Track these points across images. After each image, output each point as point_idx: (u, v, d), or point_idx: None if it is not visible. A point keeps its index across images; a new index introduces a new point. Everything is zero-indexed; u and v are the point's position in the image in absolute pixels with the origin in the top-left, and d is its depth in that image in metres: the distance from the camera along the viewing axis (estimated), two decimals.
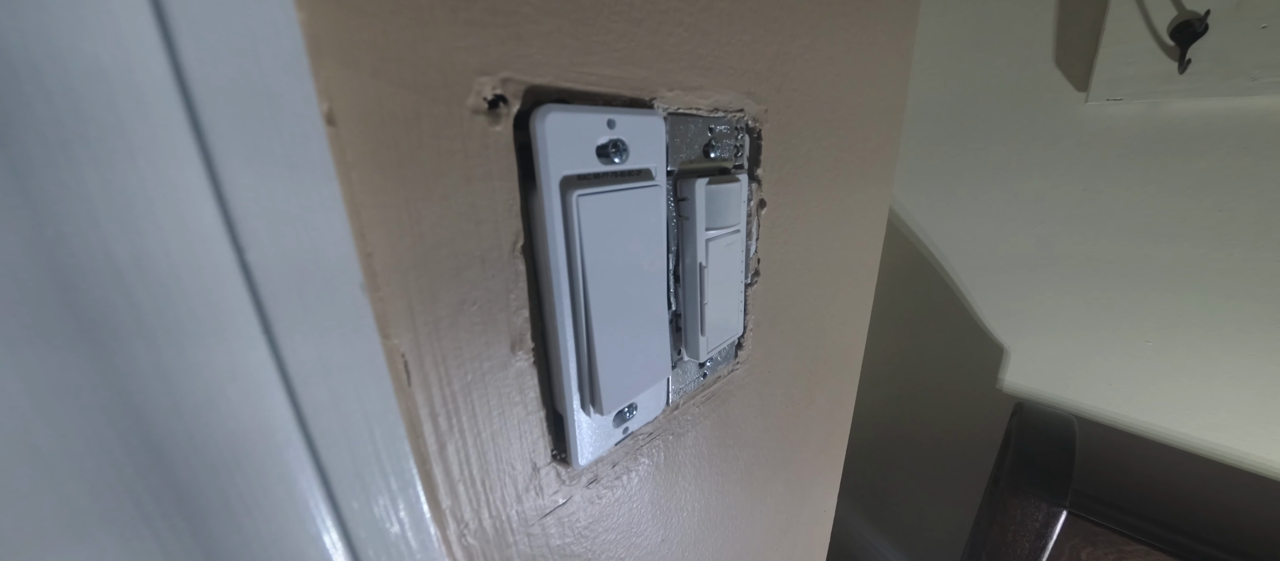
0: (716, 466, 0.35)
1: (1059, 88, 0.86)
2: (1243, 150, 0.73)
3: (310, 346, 0.13)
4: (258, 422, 0.13)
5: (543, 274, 0.19)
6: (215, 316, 0.12)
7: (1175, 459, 0.89)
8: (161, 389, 0.11)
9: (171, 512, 0.12)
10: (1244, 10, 0.67)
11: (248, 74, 0.11)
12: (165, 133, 0.10)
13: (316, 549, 0.15)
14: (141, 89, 0.10)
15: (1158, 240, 0.83)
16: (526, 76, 0.17)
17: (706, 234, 0.25)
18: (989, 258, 1.02)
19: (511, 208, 0.18)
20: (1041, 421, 0.91)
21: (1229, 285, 0.79)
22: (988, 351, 1.06)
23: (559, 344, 0.20)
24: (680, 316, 0.27)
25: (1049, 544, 0.78)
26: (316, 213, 0.13)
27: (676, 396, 0.29)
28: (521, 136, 0.17)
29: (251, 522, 0.13)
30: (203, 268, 0.11)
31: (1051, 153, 0.89)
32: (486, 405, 0.19)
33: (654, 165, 0.22)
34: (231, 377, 0.12)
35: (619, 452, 0.26)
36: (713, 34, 0.24)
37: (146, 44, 0.10)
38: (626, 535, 0.28)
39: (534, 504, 0.22)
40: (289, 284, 0.13)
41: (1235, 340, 0.80)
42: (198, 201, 0.11)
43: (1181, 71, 0.71)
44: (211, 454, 0.12)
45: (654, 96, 0.22)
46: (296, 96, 0.12)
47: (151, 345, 0.11)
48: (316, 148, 0.13)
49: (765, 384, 0.37)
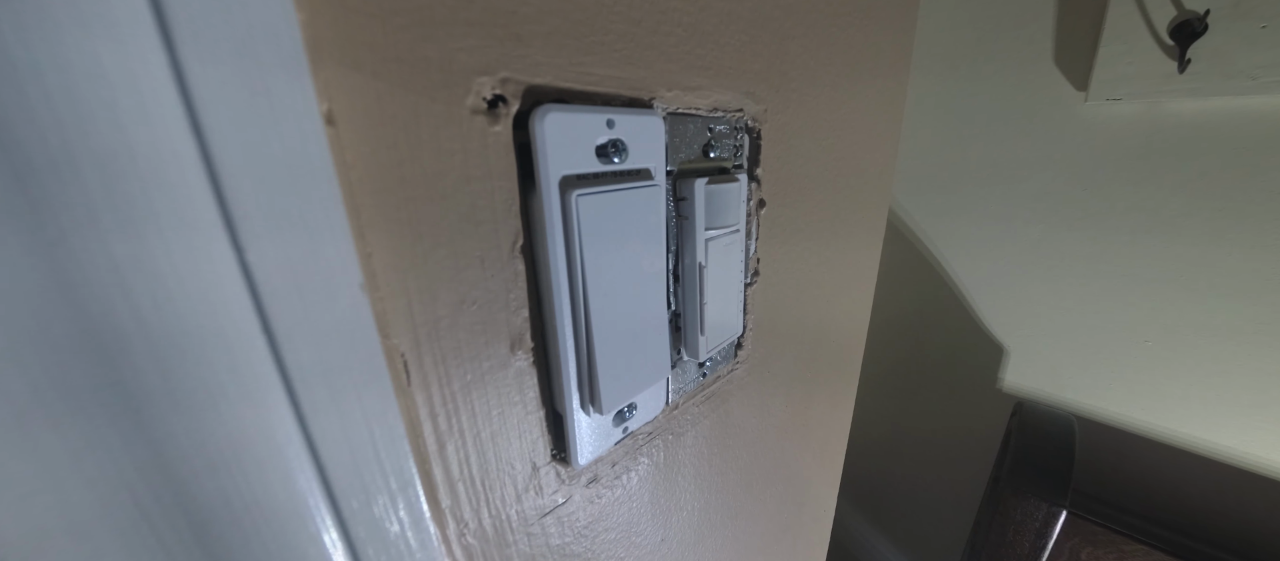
0: (716, 466, 0.35)
1: (1059, 87, 0.86)
2: (1242, 150, 0.73)
3: (310, 345, 0.13)
4: (258, 421, 0.13)
5: (542, 274, 0.19)
6: (215, 315, 0.12)
7: (1175, 458, 0.89)
8: (162, 388, 0.11)
9: (172, 510, 0.12)
10: (1243, 10, 0.67)
11: (247, 74, 0.11)
12: (165, 133, 0.10)
13: (316, 547, 0.15)
14: (141, 89, 0.10)
15: (1157, 240, 0.83)
16: (526, 76, 0.17)
17: (706, 233, 0.25)
18: (989, 257, 1.02)
19: (511, 207, 0.18)
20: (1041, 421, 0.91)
21: (1229, 285, 0.79)
22: (987, 351, 1.06)
23: (558, 343, 0.20)
24: (680, 316, 0.27)
25: (1049, 543, 0.78)
26: (316, 212, 0.13)
27: (676, 396, 0.29)
28: (521, 136, 0.17)
29: (251, 521, 0.13)
30: (202, 268, 0.11)
31: (1051, 152, 0.90)
32: (486, 405, 0.19)
33: (653, 165, 0.22)
34: (231, 376, 0.12)
35: (618, 452, 0.26)
36: (712, 34, 0.24)
37: (146, 44, 0.10)
38: (626, 535, 0.28)
39: (533, 503, 0.22)
40: (288, 283, 0.13)
41: (1235, 340, 0.80)
42: (197, 202, 0.11)
43: (1181, 71, 0.71)
44: (211, 452, 0.12)
45: (653, 96, 0.22)
46: (296, 96, 0.12)
47: (151, 344, 0.11)
48: (316, 147, 0.13)
49: (765, 383, 0.37)
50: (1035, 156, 0.91)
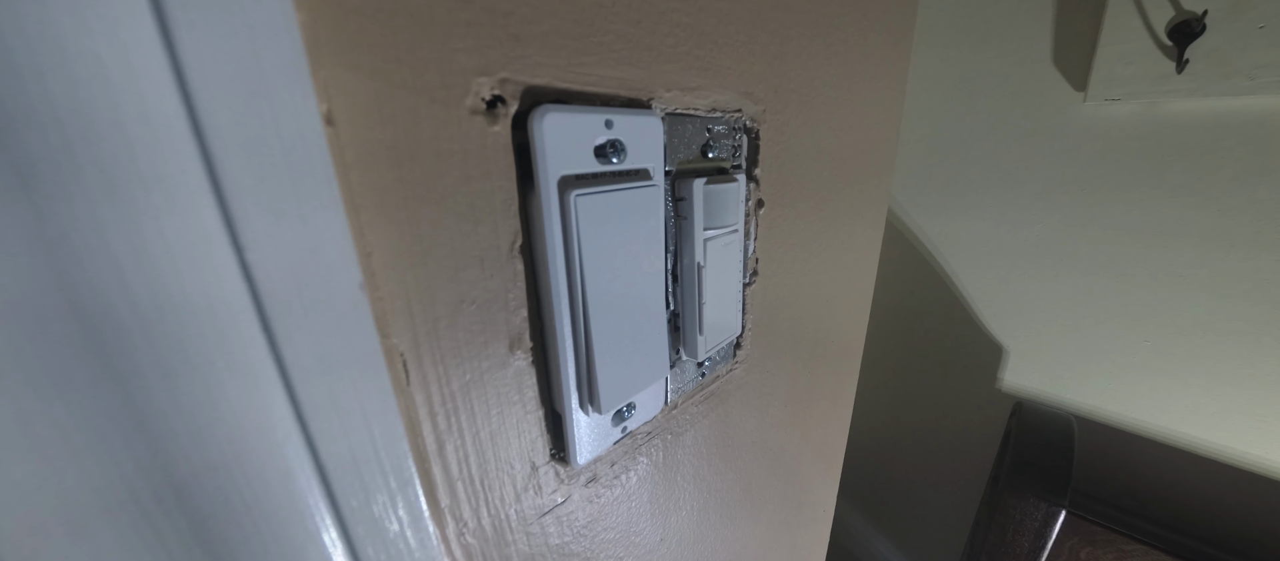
0: (715, 465, 0.35)
1: (1057, 87, 0.86)
2: (1241, 150, 0.73)
3: (309, 345, 0.14)
4: (257, 420, 0.13)
5: (541, 273, 0.19)
6: (215, 315, 0.12)
7: (1174, 458, 0.89)
8: (161, 386, 0.11)
9: (171, 509, 0.12)
10: (1241, 10, 0.67)
11: (247, 74, 0.11)
12: (165, 131, 0.10)
13: (315, 546, 0.15)
14: (141, 88, 0.10)
15: (1156, 240, 0.83)
16: (524, 77, 0.17)
17: (704, 233, 0.25)
18: (987, 257, 1.02)
19: (510, 207, 0.18)
20: (1040, 421, 0.91)
21: (1227, 285, 0.79)
22: (987, 351, 1.06)
23: (557, 343, 0.20)
24: (678, 316, 0.27)
25: (1048, 543, 0.78)
26: (316, 212, 0.13)
27: (675, 395, 0.29)
28: (520, 136, 0.18)
29: (250, 520, 0.13)
30: (202, 266, 0.11)
31: (1050, 152, 0.90)
32: (485, 404, 0.19)
33: (652, 165, 0.22)
34: (231, 375, 0.12)
35: (617, 452, 0.26)
36: (710, 34, 0.24)
37: (146, 43, 0.10)
38: (625, 534, 0.28)
39: (532, 503, 0.22)
40: (288, 283, 0.13)
41: (1233, 340, 0.80)
42: (197, 202, 0.11)
43: (1179, 71, 0.71)
44: (211, 451, 0.12)
45: (652, 97, 0.22)
46: (296, 96, 0.12)
47: (151, 343, 0.11)
48: (315, 148, 0.13)
49: (764, 383, 0.37)
50: (1034, 156, 0.91)
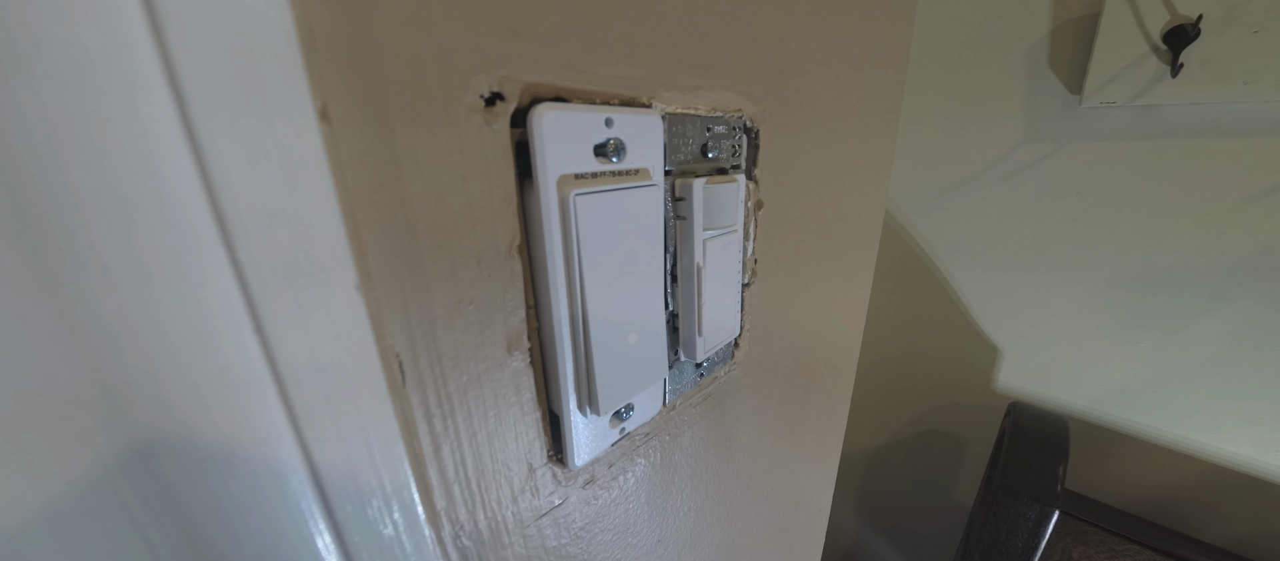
0: (713, 467, 0.35)
1: (1053, 91, 0.87)
2: (1234, 153, 0.74)
3: (303, 346, 0.13)
4: (250, 423, 0.13)
5: (539, 274, 0.19)
6: (206, 315, 0.12)
7: (1167, 459, 0.89)
8: (150, 389, 0.11)
9: (161, 515, 0.12)
10: (1236, 15, 0.67)
11: (241, 70, 0.11)
12: (156, 128, 0.10)
13: (310, 551, 0.15)
14: (130, 82, 0.10)
15: (1150, 242, 0.84)
16: (524, 74, 0.17)
17: (704, 234, 0.25)
18: (983, 259, 1.02)
19: (508, 206, 0.18)
20: (1035, 422, 0.91)
21: (1221, 287, 0.79)
22: (982, 352, 1.07)
23: (556, 344, 0.20)
24: (677, 317, 0.27)
25: (1042, 543, 0.78)
26: (310, 211, 0.13)
27: (673, 397, 0.29)
28: (518, 135, 0.17)
29: (243, 525, 0.13)
30: (193, 265, 0.11)
31: (1045, 155, 0.90)
32: (482, 406, 0.19)
33: (651, 165, 0.22)
34: (223, 377, 0.12)
35: (615, 453, 0.26)
36: (711, 34, 0.24)
37: (135, 37, 0.10)
38: (623, 536, 0.28)
39: (530, 505, 0.22)
40: (282, 283, 0.13)
41: (1227, 342, 0.81)
42: (188, 199, 0.11)
43: (1174, 76, 0.72)
44: (202, 455, 0.12)
45: (652, 96, 0.22)
46: (290, 93, 0.12)
47: (140, 344, 0.11)
48: (310, 145, 0.12)
49: (762, 384, 0.37)
50: (1029, 158, 0.92)
